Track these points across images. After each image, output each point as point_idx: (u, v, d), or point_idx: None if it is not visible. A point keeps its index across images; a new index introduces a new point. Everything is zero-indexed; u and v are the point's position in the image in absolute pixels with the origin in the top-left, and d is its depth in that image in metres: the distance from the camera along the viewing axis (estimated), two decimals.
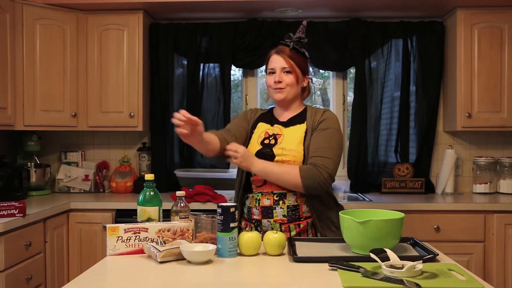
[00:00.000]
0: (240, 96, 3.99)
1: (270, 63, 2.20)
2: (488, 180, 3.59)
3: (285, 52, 2.17)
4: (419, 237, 2.06)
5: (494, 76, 3.40)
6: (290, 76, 2.16)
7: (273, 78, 2.17)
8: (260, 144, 2.16)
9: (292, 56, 2.16)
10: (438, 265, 1.62)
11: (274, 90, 2.18)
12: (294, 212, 2.09)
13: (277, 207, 2.09)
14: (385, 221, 1.70)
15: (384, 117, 3.76)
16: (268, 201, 2.10)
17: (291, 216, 2.09)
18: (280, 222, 2.09)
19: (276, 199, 2.10)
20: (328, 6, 3.50)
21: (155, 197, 1.92)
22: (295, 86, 2.17)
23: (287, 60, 2.15)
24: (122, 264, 1.70)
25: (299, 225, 2.10)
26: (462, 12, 3.41)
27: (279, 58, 2.17)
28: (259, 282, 1.54)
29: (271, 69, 2.19)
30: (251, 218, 2.15)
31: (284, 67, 2.16)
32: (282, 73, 2.16)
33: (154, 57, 3.71)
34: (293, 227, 2.09)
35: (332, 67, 3.79)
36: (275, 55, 2.19)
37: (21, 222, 2.62)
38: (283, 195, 2.10)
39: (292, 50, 2.17)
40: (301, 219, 2.10)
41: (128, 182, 3.67)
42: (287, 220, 2.09)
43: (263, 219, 2.11)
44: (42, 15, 3.33)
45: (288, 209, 2.09)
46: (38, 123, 3.36)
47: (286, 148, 2.10)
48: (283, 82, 2.15)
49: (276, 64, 2.17)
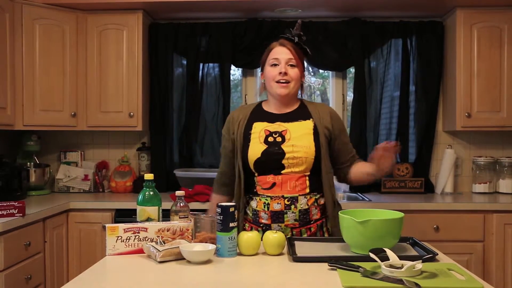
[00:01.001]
0: (239, 96, 3.99)
1: (273, 53, 2.10)
2: (487, 180, 3.59)
3: (290, 44, 2.09)
4: (419, 237, 2.06)
5: (494, 76, 3.40)
6: (295, 70, 2.08)
7: (277, 70, 2.07)
8: (264, 144, 2.06)
9: (297, 50, 2.09)
10: (438, 265, 1.62)
11: (277, 84, 2.07)
12: (305, 215, 2.04)
13: (289, 212, 2.02)
14: (385, 221, 1.70)
15: (383, 117, 3.76)
16: (278, 205, 2.03)
17: (302, 220, 2.03)
18: (292, 226, 2.03)
19: (287, 203, 2.02)
20: (327, 6, 3.49)
21: (155, 197, 1.91)
22: (298, 81, 2.11)
23: (292, 52, 2.07)
24: (121, 264, 1.70)
25: (310, 228, 2.05)
26: (461, 12, 3.41)
27: (285, 50, 2.08)
28: (259, 281, 1.54)
29: (275, 60, 2.08)
30: (258, 221, 2.08)
31: (290, 59, 2.06)
32: (287, 65, 2.07)
33: (154, 57, 3.70)
34: (304, 231, 2.04)
35: (331, 67, 3.79)
36: (279, 46, 2.10)
37: (21, 222, 2.62)
38: (295, 199, 2.03)
39: (296, 45, 2.10)
40: (311, 222, 2.05)
41: (128, 182, 3.67)
42: (299, 225, 2.03)
43: (273, 223, 2.04)
44: (42, 15, 3.33)
45: (300, 213, 2.03)
46: (38, 123, 3.36)
47: (297, 144, 2.03)
48: (288, 75, 2.06)
49: (281, 55, 2.07)
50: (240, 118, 2.17)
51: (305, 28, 3.55)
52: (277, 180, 2.04)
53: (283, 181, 2.04)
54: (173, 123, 3.78)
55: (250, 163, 2.08)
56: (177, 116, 3.79)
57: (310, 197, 2.05)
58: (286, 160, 2.03)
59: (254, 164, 2.07)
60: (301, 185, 2.05)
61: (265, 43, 2.25)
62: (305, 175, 2.06)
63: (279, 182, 2.04)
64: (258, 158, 2.06)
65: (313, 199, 2.06)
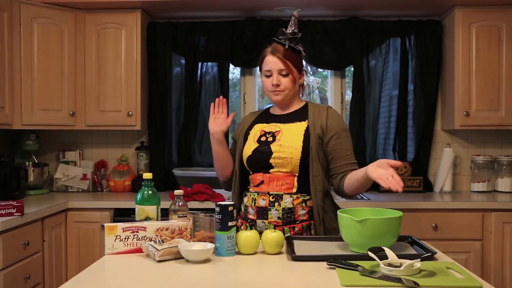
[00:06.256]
0: (238, 95, 3.99)
1: (265, 64, 2.13)
2: (486, 178, 3.60)
3: (281, 51, 2.09)
4: (417, 235, 2.06)
5: (492, 74, 3.40)
6: (287, 79, 2.10)
7: (270, 81, 2.11)
8: (257, 142, 2.12)
9: (288, 55, 2.09)
10: (436, 264, 1.62)
11: (271, 93, 2.13)
12: (290, 215, 2.05)
13: (272, 209, 2.05)
14: (383, 220, 1.70)
15: (382, 115, 3.76)
16: (263, 201, 2.07)
17: (286, 219, 2.04)
18: (275, 224, 2.05)
19: (271, 200, 2.05)
20: (326, 4, 3.49)
21: (153, 196, 1.91)
22: (292, 88, 2.13)
23: (283, 61, 2.08)
24: (120, 263, 1.70)
25: (294, 228, 2.05)
26: (460, 10, 3.41)
27: (275, 60, 2.10)
28: (258, 280, 1.54)
29: (267, 72, 2.13)
30: (247, 217, 2.13)
31: (281, 69, 2.10)
32: (279, 75, 2.10)
33: (152, 56, 3.70)
34: (287, 230, 2.04)
35: (330, 65, 3.79)
36: (270, 55, 2.11)
37: (19, 221, 2.62)
38: (279, 196, 2.05)
39: (288, 49, 2.10)
40: (296, 222, 2.06)
41: (126, 181, 3.66)
42: (282, 223, 2.04)
43: (258, 219, 2.08)
44: (40, 14, 3.33)
45: (284, 211, 2.04)
46: (36, 122, 3.35)
47: (284, 144, 2.06)
48: (281, 85, 2.11)
49: (272, 65, 2.10)
50: (246, 122, 2.26)
51: (304, 27, 3.60)
52: (265, 178, 2.09)
53: (271, 179, 2.08)
54: (171, 122, 3.78)
55: (244, 160, 2.15)
56: (176, 115, 3.79)
57: (297, 197, 2.06)
58: (273, 160, 2.07)
59: (247, 162, 2.14)
60: (288, 184, 2.07)
61: (262, 43, 2.24)
62: (294, 175, 2.07)
63: (266, 180, 2.09)
64: (249, 156, 2.13)
65: (301, 199, 2.06)
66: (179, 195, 1.92)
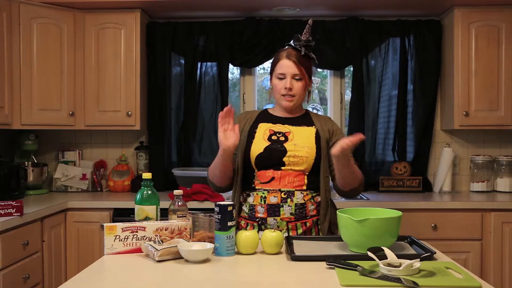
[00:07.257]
0: (238, 95, 3.99)
1: (279, 67, 2.15)
2: (485, 178, 3.60)
3: (296, 57, 2.13)
4: (417, 235, 2.06)
5: (491, 74, 3.40)
6: (299, 84, 2.13)
7: (283, 84, 2.13)
8: (268, 140, 2.12)
9: (302, 61, 2.13)
10: (436, 264, 1.62)
11: (283, 97, 2.15)
12: (302, 210, 2.07)
13: (285, 205, 2.06)
14: (383, 220, 1.70)
15: (381, 115, 3.77)
16: (275, 198, 2.07)
17: (298, 214, 2.07)
18: (287, 220, 2.06)
19: (283, 196, 2.06)
20: (325, 4, 3.49)
21: (153, 196, 1.91)
22: (303, 93, 2.18)
23: (298, 67, 2.12)
24: (119, 263, 1.70)
25: (306, 223, 2.08)
26: (459, 10, 3.41)
27: (290, 64, 2.12)
28: (257, 280, 1.54)
29: (281, 74, 2.14)
30: (254, 216, 2.10)
31: (295, 74, 2.12)
32: (292, 79, 2.13)
33: (152, 56, 3.70)
34: (300, 225, 2.07)
35: (329, 65, 3.79)
36: (285, 59, 2.14)
37: (19, 221, 2.62)
38: (291, 193, 2.07)
39: (303, 55, 2.14)
40: (307, 217, 2.09)
41: (126, 181, 3.66)
42: (295, 218, 2.07)
43: (269, 217, 2.07)
44: (39, 13, 3.32)
45: (296, 207, 2.07)
46: (35, 122, 3.35)
47: (299, 144, 2.10)
48: (293, 89, 2.13)
49: (287, 69, 2.13)
50: (245, 120, 2.25)
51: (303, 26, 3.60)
52: (276, 175, 2.09)
53: (282, 176, 2.09)
54: (171, 122, 3.77)
55: (252, 158, 2.12)
56: (175, 115, 3.79)
57: (307, 193, 2.09)
58: (287, 158, 2.08)
59: (256, 159, 2.12)
60: (299, 181, 2.09)
61: (261, 42, 2.24)
62: (304, 173, 2.10)
63: (277, 176, 2.09)
64: (260, 153, 2.11)
65: (310, 195, 2.10)
66: (178, 195, 1.92)
